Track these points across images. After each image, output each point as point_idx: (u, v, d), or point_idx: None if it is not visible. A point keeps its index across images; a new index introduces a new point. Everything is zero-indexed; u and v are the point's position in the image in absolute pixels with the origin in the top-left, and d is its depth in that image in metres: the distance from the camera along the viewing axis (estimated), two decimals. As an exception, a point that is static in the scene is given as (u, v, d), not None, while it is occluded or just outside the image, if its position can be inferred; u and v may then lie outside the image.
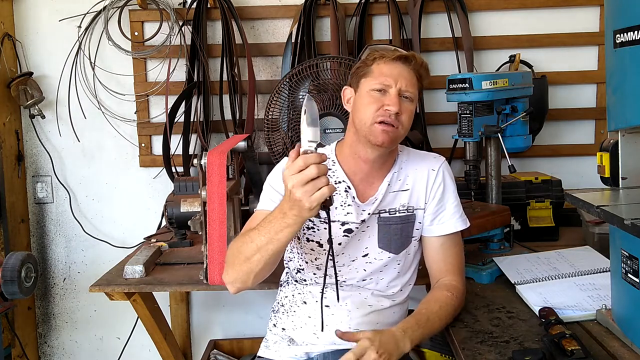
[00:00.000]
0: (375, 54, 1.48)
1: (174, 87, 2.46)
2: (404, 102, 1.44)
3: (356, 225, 1.49)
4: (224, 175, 1.59)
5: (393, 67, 1.45)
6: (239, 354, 2.57)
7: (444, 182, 1.54)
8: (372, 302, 1.52)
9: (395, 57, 1.45)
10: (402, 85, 1.43)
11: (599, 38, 2.44)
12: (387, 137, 1.41)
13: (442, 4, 2.44)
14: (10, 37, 2.49)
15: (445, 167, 1.56)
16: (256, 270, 1.34)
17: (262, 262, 1.31)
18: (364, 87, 1.46)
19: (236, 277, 1.38)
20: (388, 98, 1.42)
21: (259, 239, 1.29)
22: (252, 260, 1.32)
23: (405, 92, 1.43)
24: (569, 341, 1.22)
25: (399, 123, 1.43)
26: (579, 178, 2.47)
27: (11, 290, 1.74)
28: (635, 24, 1.14)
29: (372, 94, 1.44)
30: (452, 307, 1.45)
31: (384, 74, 1.44)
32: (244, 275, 1.36)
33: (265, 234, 1.28)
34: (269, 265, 1.34)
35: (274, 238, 1.26)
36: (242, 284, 1.39)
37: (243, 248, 1.33)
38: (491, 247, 1.97)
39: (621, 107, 1.25)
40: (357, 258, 1.52)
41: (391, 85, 1.43)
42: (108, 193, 2.62)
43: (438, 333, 1.45)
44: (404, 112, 1.43)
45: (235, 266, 1.36)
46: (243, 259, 1.33)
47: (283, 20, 2.50)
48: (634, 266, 1.19)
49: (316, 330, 1.50)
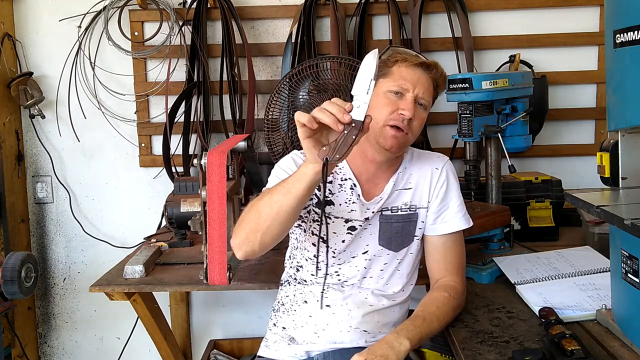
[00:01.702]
0: (397, 56, 1.48)
1: (174, 87, 2.46)
2: (418, 109, 1.44)
3: (360, 222, 1.50)
4: (224, 175, 1.58)
5: (413, 72, 1.45)
6: (239, 354, 2.57)
7: (448, 181, 1.54)
8: (372, 302, 1.52)
9: (418, 63, 1.46)
10: (420, 92, 1.43)
11: (599, 38, 2.44)
12: (396, 143, 1.42)
13: (442, 4, 2.44)
14: (10, 37, 2.49)
15: (449, 166, 1.56)
16: (264, 227, 1.30)
17: (270, 217, 1.29)
18: (381, 87, 1.45)
19: (244, 237, 1.34)
20: (404, 102, 1.42)
21: (273, 194, 1.28)
22: (262, 213, 1.30)
23: (421, 99, 1.44)
24: (569, 341, 1.22)
25: (410, 129, 1.43)
26: (579, 178, 2.47)
27: (11, 290, 1.74)
28: (635, 24, 1.14)
29: (388, 96, 1.44)
30: (451, 307, 1.45)
31: (404, 77, 1.44)
32: (252, 234, 1.32)
33: (282, 187, 1.28)
34: (276, 222, 1.30)
35: (287, 189, 1.26)
36: (249, 246, 1.35)
37: (256, 204, 1.32)
38: (491, 247, 1.97)
39: (621, 107, 1.25)
40: (358, 255, 1.52)
41: (409, 89, 1.43)
42: (108, 193, 2.62)
43: (438, 333, 1.45)
44: (416, 119, 1.44)
45: (243, 224, 1.34)
46: (254, 214, 1.31)
47: (283, 20, 2.51)
48: (634, 266, 1.19)
49: (317, 329, 1.51)
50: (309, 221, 1.52)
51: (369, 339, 1.50)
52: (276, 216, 1.29)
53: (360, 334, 1.50)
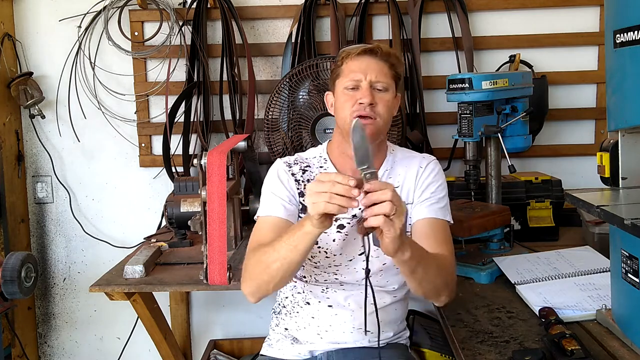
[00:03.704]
0: (342, 53, 1.50)
1: (174, 87, 2.46)
2: (378, 93, 1.45)
3: (347, 220, 1.49)
4: (224, 175, 1.59)
5: (360, 61, 1.46)
6: (239, 354, 2.57)
7: (432, 175, 1.53)
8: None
9: (360, 52, 1.47)
10: (372, 77, 1.44)
11: (599, 38, 2.43)
12: (367, 130, 1.41)
13: (442, 4, 2.44)
14: (10, 37, 2.49)
15: (434, 164, 1.56)
16: (276, 280, 1.33)
17: (281, 271, 1.31)
18: (338, 88, 1.49)
19: (257, 287, 1.37)
20: (360, 92, 1.44)
21: (280, 247, 1.29)
22: (272, 268, 1.31)
23: (376, 83, 1.44)
24: (569, 341, 1.22)
25: (376, 114, 1.43)
26: (579, 178, 2.47)
27: (11, 290, 1.74)
28: (635, 24, 1.14)
29: (346, 92, 1.46)
30: (450, 263, 1.41)
31: (353, 70, 1.46)
32: (264, 285, 1.35)
33: (288, 243, 1.28)
34: (288, 274, 1.33)
35: (294, 247, 1.27)
36: (262, 293, 1.38)
37: (264, 257, 1.33)
38: (491, 247, 1.97)
39: (621, 107, 1.25)
40: (354, 257, 1.52)
41: (361, 79, 1.44)
42: (108, 193, 2.62)
43: (438, 333, 1.44)
44: (379, 102, 1.44)
45: (254, 276, 1.36)
46: (263, 267, 1.33)
47: (283, 20, 2.50)
48: (634, 266, 1.19)
49: (320, 330, 1.51)
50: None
51: (372, 339, 1.51)
52: (287, 270, 1.31)
53: (363, 334, 1.50)
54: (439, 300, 1.41)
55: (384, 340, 1.55)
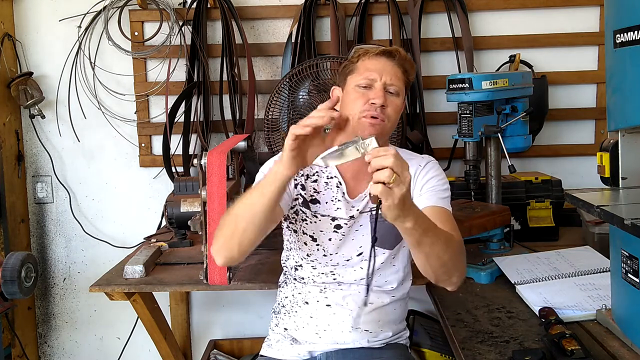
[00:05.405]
0: (359, 50, 1.50)
1: (174, 87, 2.46)
2: (390, 96, 1.44)
3: (345, 221, 1.49)
4: (224, 175, 1.59)
5: (377, 62, 1.46)
6: (239, 354, 2.57)
7: (432, 171, 1.51)
8: (372, 299, 1.52)
9: (379, 52, 1.47)
10: (387, 79, 1.44)
11: (599, 38, 2.43)
12: (374, 130, 1.41)
13: (442, 4, 2.44)
14: (10, 37, 2.49)
15: (433, 163, 1.55)
16: (240, 232, 1.30)
17: (245, 220, 1.29)
18: (350, 84, 1.48)
19: (222, 243, 1.34)
20: (373, 92, 1.43)
21: (250, 195, 1.30)
22: (238, 217, 1.30)
23: (390, 85, 1.44)
24: (569, 341, 1.22)
25: (385, 116, 1.43)
26: (579, 178, 2.47)
27: (11, 290, 1.74)
28: (635, 24, 1.14)
29: (358, 90, 1.45)
30: (458, 242, 1.35)
31: (369, 69, 1.45)
32: (230, 239, 1.32)
33: (257, 189, 1.29)
34: (253, 227, 1.30)
35: (261, 193, 1.26)
36: (227, 251, 1.35)
37: (234, 209, 1.32)
38: (491, 247, 1.97)
39: (621, 107, 1.25)
40: (352, 257, 1.52)
41: (376, 79, 1.44)
42: (108, 193, 2.62)
43: (438, 333, 1.44)
44: (389, 105, 1.44)
45: (222, 229, 1.34)
46: (231, 219, 1.32)
47: (283, 20, 2.50)
48: (634, 266, 1.19)
49: (318, 330, 1.51)
50: (298, 221, 1.53)
51: (371, 339, 1.51)
52: (252, 219, 1.29)
53: (361, 334, 1.50)
54: (450, 281, 1.34)
55: (383, 340, 1.55)
